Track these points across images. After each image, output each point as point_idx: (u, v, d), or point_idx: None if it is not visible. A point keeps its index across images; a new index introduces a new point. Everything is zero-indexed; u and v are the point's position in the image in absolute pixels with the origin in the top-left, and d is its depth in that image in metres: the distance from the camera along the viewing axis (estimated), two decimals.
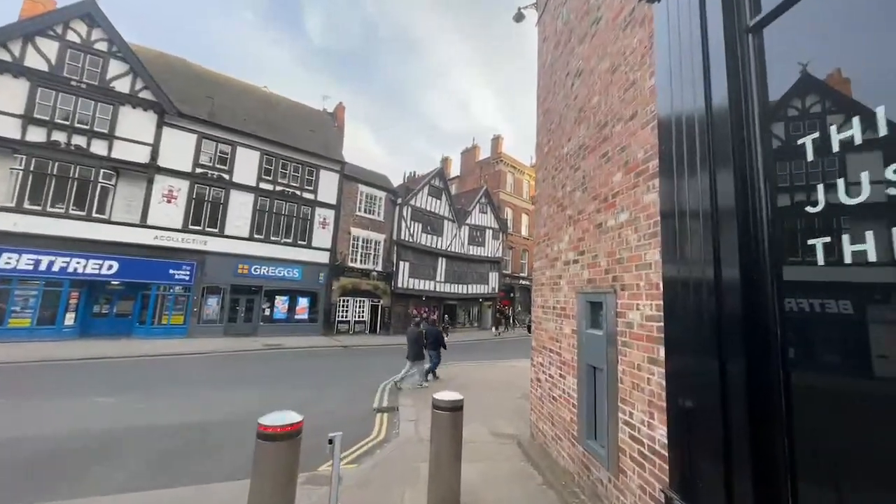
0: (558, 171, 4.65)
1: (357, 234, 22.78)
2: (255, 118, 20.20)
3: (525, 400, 7.70)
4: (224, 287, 18.08)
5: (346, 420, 6.07)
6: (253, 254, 18.82)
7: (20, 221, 13.81)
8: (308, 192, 20.90)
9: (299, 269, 20.19)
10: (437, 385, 9.32)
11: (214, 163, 18.15)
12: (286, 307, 20.11)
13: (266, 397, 7.52)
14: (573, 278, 3.99)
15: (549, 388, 4.48)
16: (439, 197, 27.08)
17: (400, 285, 24.22)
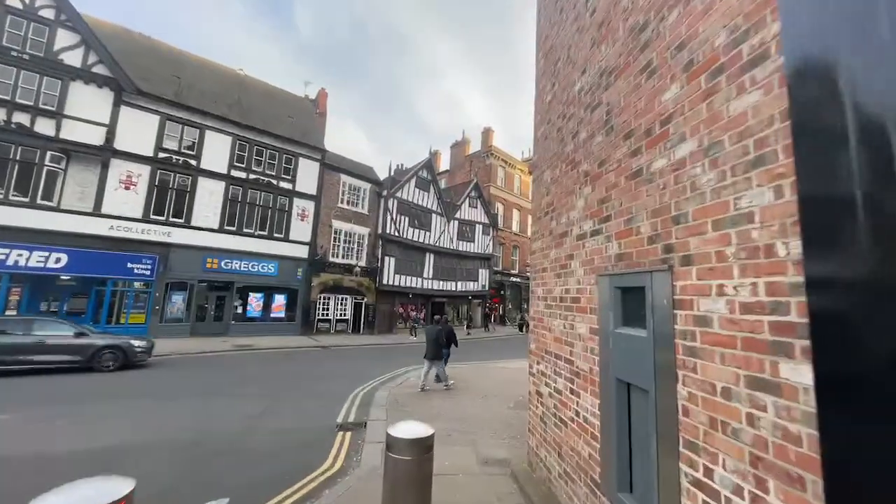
0: (567, 119, 3.51)
1: (339, 228, 21.44)
2: (228, 101, 18.70)
3: (520, 410, 6.58)
4: (191, 283, 16.60)
5: (295, 443, 4.87)
6: (223, 247, 17.35)
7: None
8: (285, 182, 19.48)
9: (275, 263, 18.78)
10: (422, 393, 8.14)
11: (180, 147, 16.62)
12: (261, 305, 18.70)
13: (211, 411, 6.26)
14: (592, 256, 2.86)
15: (555, 406, 3.35)
16: (427, 190, 25.86)
17: (385, 282, 22.95)
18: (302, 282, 19.63)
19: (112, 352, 9.79)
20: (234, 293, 17.78)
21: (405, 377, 10.03)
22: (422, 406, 6.95)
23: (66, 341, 9.39)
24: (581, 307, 2.98)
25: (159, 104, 16.09)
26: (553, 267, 3.59)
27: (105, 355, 9.69)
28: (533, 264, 4.18)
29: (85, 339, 9.66)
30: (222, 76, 20.43)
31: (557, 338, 3.41)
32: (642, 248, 2.23)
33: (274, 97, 21.98)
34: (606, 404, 2.51)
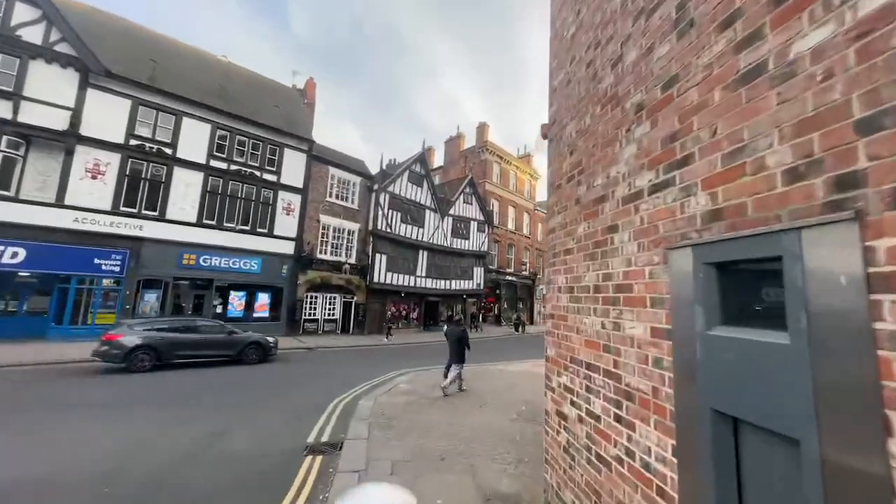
0: (603, 45, 2.58)
1: (327, 223, 20.38)
2: (208, 87, 17.56)
3: (524, 423, 5.66)
4: (166, 280, 15.45)
5: (248, 475, 3.89)
6: (202, 242, 16.22)
7: None
8: (270, 174, 18.38)
9: (258, 260, 17.68)
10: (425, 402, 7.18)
11: (154, 134, 15.47)
12: (243, 304, 17.59)
13: (150, 430, 5.25)
14: (653, 222, 1.94)
15: (589, 437, 2.43)
16: (420, 184, 24.88)
17: (376, 280, 21.94)
18: (287, 280, 18.55)
19: (254, 347, 11.63)
20: (213, 291, 16.65)
21: (395, 382, 9.07)
22: (410, 418, 6.00)
23: (224, 339, 11.28)
24: (633, 298, 2.06)
25: (131, 88, 14.93)
26: (583, 246, 2.67)
27: (250, 350, 11.51)
28: (551, 246, 3.26)
29: (236, 337, 11.50)
30: (203, 62, 19.27)
31: (591, 341, 2.48)
32: (770, 193, 1.31)
33: (259, 85, 20.85)
34: (690, 448, 1.59)
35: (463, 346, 8.05)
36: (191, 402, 6.69)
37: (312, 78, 23.37)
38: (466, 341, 8.24)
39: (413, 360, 13.04)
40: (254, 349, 11.58)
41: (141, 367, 9.39)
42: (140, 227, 14.85)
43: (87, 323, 13.97)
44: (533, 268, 36.88)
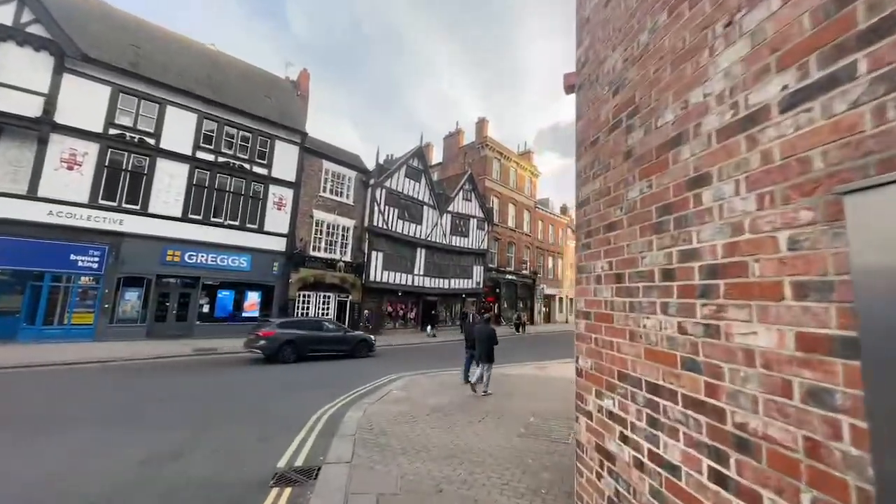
0: None
1: (321, 219, 19.55)
2: (194, 76, 16.72)
3: (534, 440, 4.88)
4: (148, 278, 14.61)
5: None
6: (187, 238, 15.38)
7: None
8: (260, 167, 17.55)
9: (248, 257, 16.85)
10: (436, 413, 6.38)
11: (136, 123, 14.62)
12: (232, 303, 16.74)
13: (93, 449, 4.44)
14: (801, 152, 1.14)
15: (654, 496, 1.62)
16: (418, 180, 24.08)
17: (372, 278, 21.13)
18: (279, 277, 17.72)
19: (364, 343, 13.69)
20: (199, 290, 15.81)
21: (389, 388, 8.26)
22: (403, 433, 5.20)
23: (341, 336, 13.24)
24: (751, 285, 1.26)
25: (111, 73, 14.08)
26: (639, 215, 1.87)
27: (361, 345, 13.56)
28: (582, 223, 2.46)
29: (349, 335, 13.53)
30: (190, 50, 18.41)
31: (658, 352, 1.69)
32: None
33: (249, 75, 20.01)
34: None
35: (493, 344, 7.96)
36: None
37: (306, 69, 22.54)
38: (496, 340, 8.16)
39: (410, 364, 12.23)
40: (364, 345, 13.60)
41: (287, 359, 11.47)
42: (120, 221, 14.00)
43: (63, 323, 13.12)
44: (533, 267, 36.10)
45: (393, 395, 7.64)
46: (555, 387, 9.01)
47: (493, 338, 8.00)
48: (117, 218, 13.95)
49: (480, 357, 7.86)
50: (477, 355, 8.00)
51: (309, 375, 9.94)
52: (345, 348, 13.07)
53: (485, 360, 7.81)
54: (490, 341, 7.90)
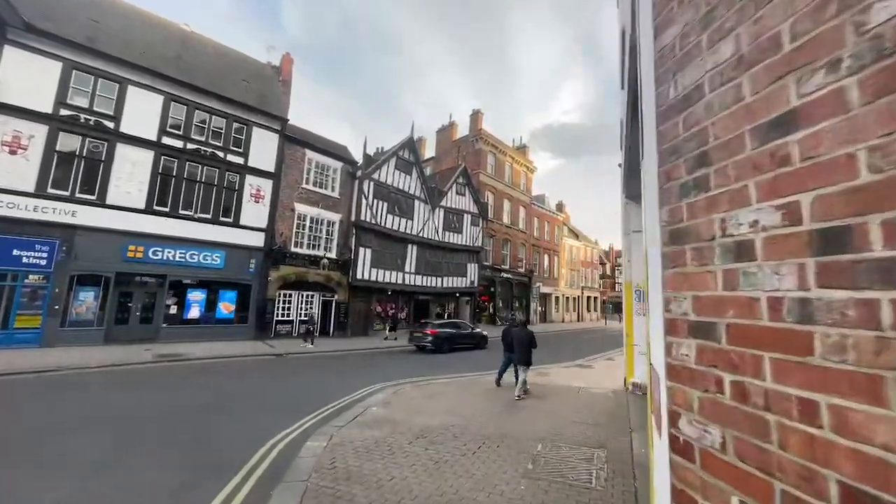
0: None
1: (304, 212, 18.18)
2: (161, 55, 15.24)
3: (550, 483, 3.65)
4: (106, 276, 13.15)
5: None
6: (152, 231, 13.93)
7: None
8: (235, 155, 16.13)
9: (221, 253, 15.43)
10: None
11: (92, 104, 13.14)
12: (203, 304, 15.32)
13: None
14: None
15: None
16: (409, 172, 22.78)
17: (360, 276, 19.81)
18: (256, 276, 16.33)
19: (484, 338, 16.90)
20: (166, 289, 14.37)
21: (368, 403, 7.00)
22: (374, 476, 3.95)
23: (470, 333, 16.69)
24: None
25: (63, 48, 12.60)
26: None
27: (483, 340, 16.77)
28: (681, 133, 1.22)
29: (475, 331, 17.09)
30: (159, 28, 16.91)
31: None
32: None
33: (225, 57, 18.54)
34: None
35: (531, 347, 8.11)
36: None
37: (289, 53, 21.09)
38: (535, 343, 8.26)
39: (399, 369, 10.98)
40: (484, 340, 16.88)
41: (445, 350, 15.07)
42: (73, 212, 12.54)
43: (6, 328, 11.61)
44: (529, 265, 35.00)
45: (371, 413, 6.37)
46: (561, 399, 7.81)
47: (533, 342, 8.15)
48: (70, 209, 12.48)
49: (519, 360, 8.04)
50: (516, 359, 8.18)
51: (272, 388, 8.64)
52: (473, 342, 16.24)
53: (523, 363, 7.98)
54: (529, 345, 8.06)
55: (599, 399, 7.87)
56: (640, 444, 5.04)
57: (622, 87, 6.99)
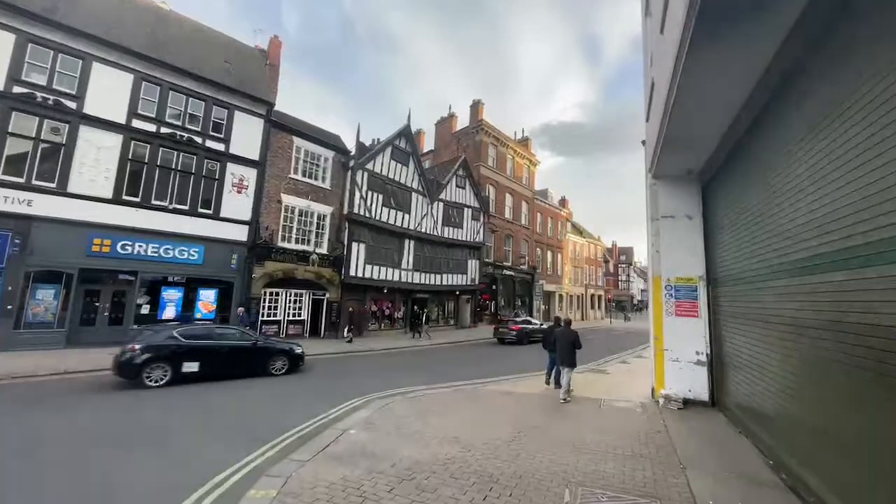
0: None
1: (292, 204, 16.88)
2: (131, 30, 13.91)
3: None
4: (69, 272, 11.87)
5: None
6: (120, 223, 12.64)
7: None
8: (215, 141, 14.82)
9: (200, 248, 14.14)
10: None
11: (51, 82, 11.84)
12: (180, 303, 14.04)
13: None
14: None
15: None
16: (406, 163, 21.45)
17: (353, 273, 18.51)
18: (239, 272, 15.03)
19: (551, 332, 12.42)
20: (137, 287, 13.09)
21: (347, 423, 5.72)
22: None
23: (539, 328, 18.09)
24: None
25: (15, 18, 11.29)
26: None
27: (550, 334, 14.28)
28: None
29: (543, 326, 16.71)
30: (132, 4, 15.55)
31: None
32: None
33: (206, 38, 17.20)
34: None
35: (575, 348, 7.86)
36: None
37: (277, 36, 19.74)
38: (579, 343, 7.98)
39: (390, 377, 9.68)
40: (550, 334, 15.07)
41: (525, 342, 17.81)
42: (29, 201, 11.25)
43: None
44: (532, 262, 33.68)
45: (348, 439, 5.08)
46: (582, 415, 6.50)
47: (577, 342, 7.88)
48: (25, 197, 11.19)
49: (562, 361, 7.84)
50: (559, 360, 8.02)
51: (236, 402, 7.35)
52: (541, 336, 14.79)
53: (567, 364, 7.74)
54: (573, 346, 7.82)
55: (628, 415, 6.57)
56: (703, 489, 3.74)
57: (661, 31, 5.69)
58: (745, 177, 5.62)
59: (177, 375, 8.20)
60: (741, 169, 5.79)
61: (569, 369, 7.70)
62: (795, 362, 4.15)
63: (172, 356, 8.26)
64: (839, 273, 3.22)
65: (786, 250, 4.34)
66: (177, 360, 8.27)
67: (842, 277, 3.18)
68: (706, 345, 7.15)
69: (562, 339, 7.94)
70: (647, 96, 7.38)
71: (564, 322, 8.54)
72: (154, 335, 8.44)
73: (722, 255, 6.75)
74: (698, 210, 7.52)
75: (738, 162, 5.88)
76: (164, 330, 8.83)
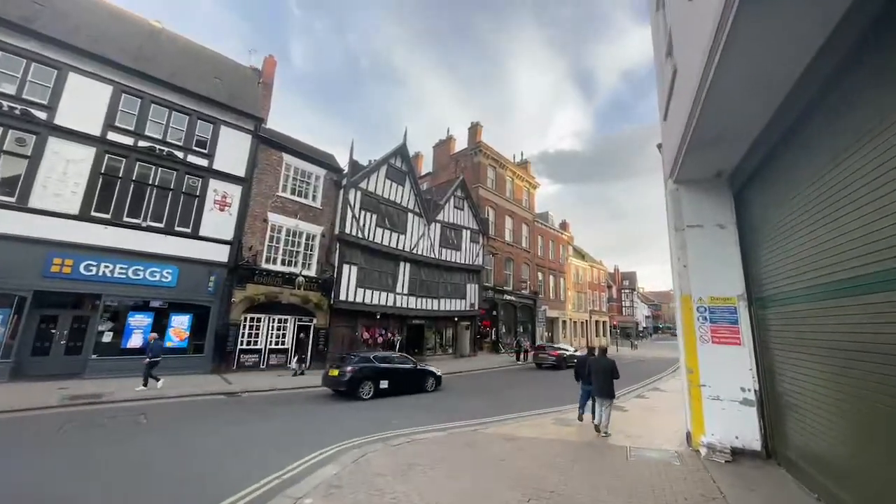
0: None
1: (279, 223, 15.89)
2: (118, 44, 13.43)
3: None
4: (21, 294, 10.67)
5: None
6: (85, 242, 11.58)
7: None
8: (198, 156, 14.01)
9: (174, 269, 13.00)
10: None
11: (21, 91, 11.13)
12: (148, 329, 12.73)
13: None
14: None
15: None
16: (402, 183, 20.68)
17: (343, 297, 17.27)
18: (217, 296, 13.82)
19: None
20: (100, 312, 11.85)
21: (304, 486, 4.38)
22: None
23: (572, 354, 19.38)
24: None
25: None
26: None
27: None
28: None
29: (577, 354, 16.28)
30: (125, 21, 15.25)
31: None
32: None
33: (196, 54, 16.83)
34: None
35: (613, 378, 7.34)
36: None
37: (272, 55, 19.51)
38: (617, 373, 7.40)
39: (372, 415, 8.28)
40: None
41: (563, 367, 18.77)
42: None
43: None
44: (534, 287, 32.41)
45: None
46: (605, 470, 5.14)
47: (614, 371, 7.34)
48: None
49: (600, 393, 7.31)
50: (595, 391, 7.46)
51: (177, 453, 6.01)
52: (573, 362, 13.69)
53: (605, 395, 7.26)
54: (610, 375, 7.29)
55: (666, 471, 5.21)
56: None
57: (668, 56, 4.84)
58: (799, 173, 4.59)
59: (376, 390, 10.69)
60: (791, 164, 4.78)
61: (608, 401, 7.25)
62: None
63: (374, 376, 10.79)
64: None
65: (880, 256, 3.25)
66: (376, 380, 10.80)
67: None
68: (754, 379, 5.88)
69: (598, 369, 7.41)
70: (666, 91, 6.50)
71: (599, 350, 8.03)
72: (359, 360, 10.90)
73: (768, 270, 5.63)
74: (731, 218, 6.46)
75: (787, 157, 4.88)
76: (364, 356, 11.30)
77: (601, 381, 7.28)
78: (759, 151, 5.43)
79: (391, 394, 10.95)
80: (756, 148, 5.43)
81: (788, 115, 4.53)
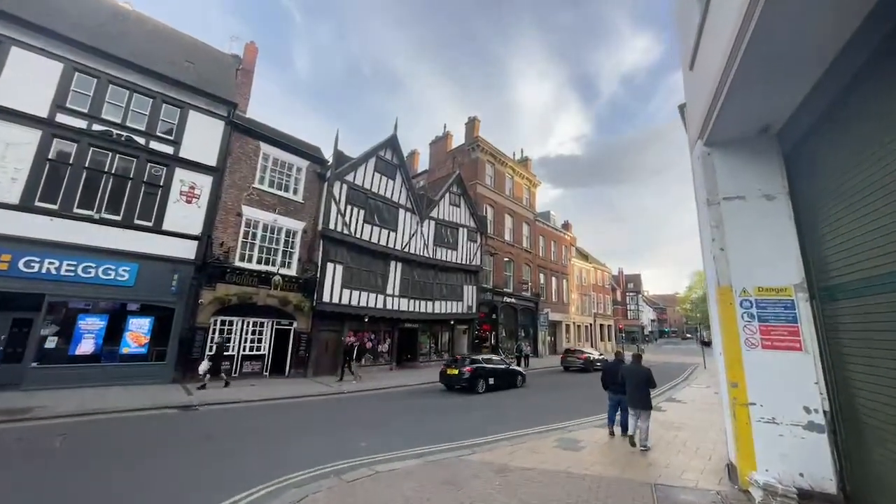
0: None
1: (254, 218, 14.57)
2: (75, 21, 12.23)
3: None
4: None
5: None
6: (26, 235, 10.28)
7: None
8: (162, 143, 12.74)
9: (133, 266, 11.67)
10: None
11: None
12: (102, 334, 11.38)
13: None
14: None
15: None
16: (392, 176, 19.36)
17: (327, 299, 15.88)
18: (181, 296, 12.46)
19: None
20: (43, 314, 10.51)
21: None
22: None
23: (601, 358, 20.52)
24: None
25: None
26: None
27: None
28: None
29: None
30: (88, 1, 14.06)
31: None
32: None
33: (168, 37, 15.64)
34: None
35: (650, 388, 6.72)
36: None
37: (253, 42, 18.33)
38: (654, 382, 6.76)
39: (363, 430, 6.86)
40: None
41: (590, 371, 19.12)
42: None
43: None
44: (536, 288, 30.92)
45: None
46: None
47: (651, 380, 6.79)
48: None
49: (636, 404, 6.75)
50: (629, 401, 6.89)
51: (88, 489, 4.62)
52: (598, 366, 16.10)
53: (642, 406, 6.69)
54: (646, 384, 6.74)
55: None
56: None
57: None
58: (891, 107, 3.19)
59: (487, 386, 13.03)
60: (880, 101, 3.37)
61: (646, 413, 6.67)
62: None
63: (486, 375, 13.20)
64: None
65: None
66: (486, 377, 13.16)
67: None
68: (822, 396, 4.43)
69: (633, 378, 6.85)
70: (697, 28, 5.12)
71: (633, 357, 7.30)
72: (473, 362, 13.30)
73: (838, 250, 4.21)
74: (783, 186, 5.05)
75: (872, 93, 3.48)
76: (473, 358, 13.84)
77: (637, 391, 6.72)
78: (830, 90, 4.03)
79: (494, 389, 13.24)
80: (823, 86, 4.04)
81: (879, 27, 3.16)
